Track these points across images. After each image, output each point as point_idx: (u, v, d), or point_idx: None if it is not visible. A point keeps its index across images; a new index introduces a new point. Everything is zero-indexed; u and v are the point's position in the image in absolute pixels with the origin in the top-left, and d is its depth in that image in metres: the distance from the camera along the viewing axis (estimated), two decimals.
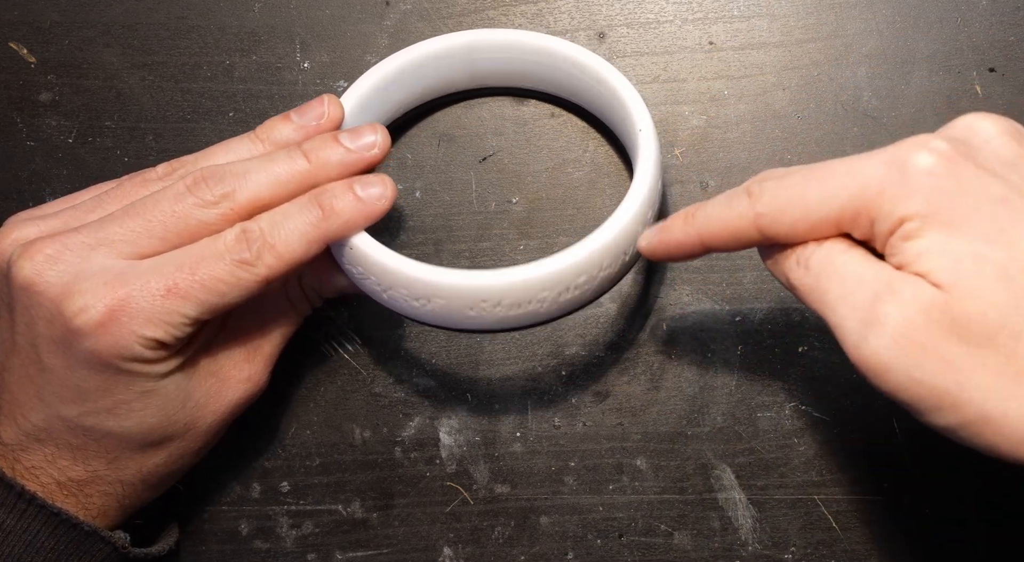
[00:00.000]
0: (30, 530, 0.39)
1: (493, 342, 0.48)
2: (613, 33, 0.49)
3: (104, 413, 0.40)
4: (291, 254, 0.40)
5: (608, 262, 0.41)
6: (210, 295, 0.39)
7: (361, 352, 0.49)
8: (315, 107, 0.44)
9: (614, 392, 0.48)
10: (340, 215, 0.41)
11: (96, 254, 0.39)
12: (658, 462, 0.48)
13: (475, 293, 0.40)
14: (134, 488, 0.42)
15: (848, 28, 0.49)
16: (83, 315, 0.38)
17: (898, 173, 0.34)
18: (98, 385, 0.39)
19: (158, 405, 0.40)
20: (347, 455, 0.48)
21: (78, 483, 0.41)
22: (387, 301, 0.42)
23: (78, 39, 0.50)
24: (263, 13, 0.50)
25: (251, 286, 0.40)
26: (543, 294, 0.40)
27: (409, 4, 0.50)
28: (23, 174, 0.50)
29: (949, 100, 0.48)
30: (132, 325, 0.38)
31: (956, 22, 0.48)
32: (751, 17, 0.49)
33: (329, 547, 0.48)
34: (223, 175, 0.41)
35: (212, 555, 0.48)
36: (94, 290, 0.38)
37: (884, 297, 0.34)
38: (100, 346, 0.38)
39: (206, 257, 0.39)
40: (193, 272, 0.39)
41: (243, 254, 0.39)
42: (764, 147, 0.48)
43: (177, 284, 0.39)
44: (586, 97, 0.47)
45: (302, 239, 0.40)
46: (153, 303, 0.38)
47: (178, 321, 0.39)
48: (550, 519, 0.48)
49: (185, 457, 0.43)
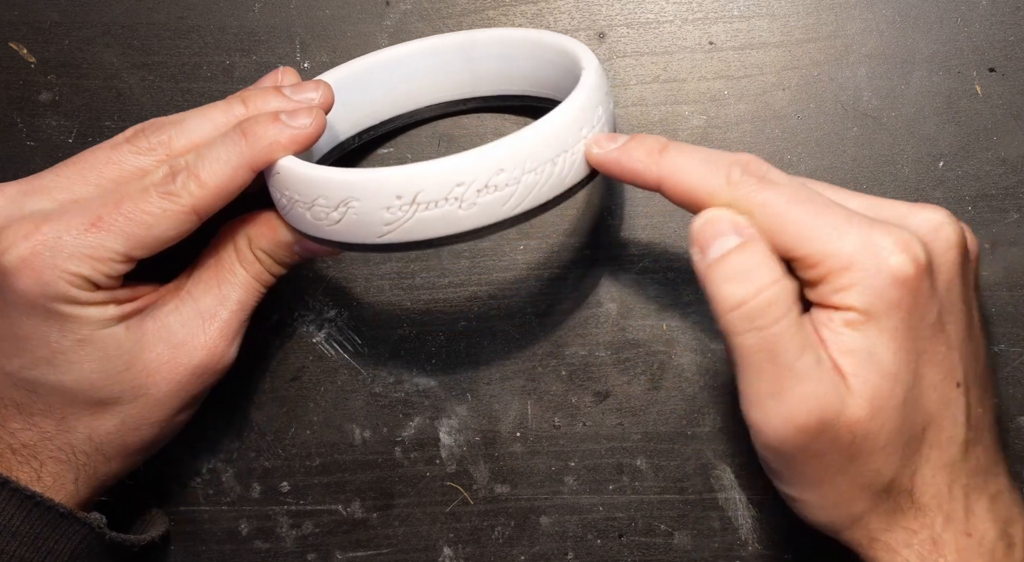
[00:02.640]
0: (4, 514, 0.39)
1: (493, 341, 0.48)
2: (613, 33, 0.49)
3: (43, 364, 0.39)
4: (216, 182, 0.40)
5: (532, 164, 0.39)
6: (136, 227, 0.39)
7: (361, 352, 0.49)
8: (270, 77, 0.45)
9: (614, 392, 0.48)
10: (262, 139, 0.40)
11: (29, 200, 0.40)
12: (658, 462, 0.48)
13: (389, 187, 0.38)
14: (88, 457, 0.41)
15: (848, 28, 0.49)
16: (6, 254, 0.38)
17: (872, 263, 0.35)
18: (32, 331, 0.39)
19: (97, 358, 0.40)
20: (347, 455, 0.48)
21: (31, 449, 0.40)
22: (312, 225, 0.41)
23: (78, 39, 0.50)
24: (263, 13, 0.50)
25: (179, 217, 0.40)
26: (459, 190, 0.39)
27: (409, 4, 0.50)
28: (23, 174, 0.49)
29: (949, 100, 0.48)
30: (56, 260, 0.38)
31: (956, 22, 0.48)
32: (751, 17, 0.49)
33: (329, 547, 0.48)
34: (161, 125, 0.41)
35: (212, 555, 0.48)
36: (18, 229, 0.38)
37: (796, 378, 0.35)
38: (26, 285, 0.38)
39: (132, 192, 0.39)
40: (117, 206, 0.39)
41: (168, 186, 0.39)
42: (764, 147, 0.48)
43: (101, 217, 0.39)
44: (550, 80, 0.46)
45: (227, 165, 0.40)
46: (77, 238, 0.38)
47: (105, 256, 0.39)
48: (550, 519, 0.48)
49: (143, 428, 0.42)
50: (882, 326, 0.35)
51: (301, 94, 0.42)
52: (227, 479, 0.48)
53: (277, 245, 0.43)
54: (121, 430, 0.41)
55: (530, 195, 0.40)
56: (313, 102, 0.42)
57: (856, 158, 0.48)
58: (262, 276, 0.44)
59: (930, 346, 0.36)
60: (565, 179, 0.40)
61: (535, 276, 0.48)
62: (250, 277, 0.43)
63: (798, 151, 0.48)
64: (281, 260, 0.44)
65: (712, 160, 0.38)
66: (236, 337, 0.43)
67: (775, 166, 0.38)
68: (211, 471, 0.48)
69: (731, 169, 0.37)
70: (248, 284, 0.43)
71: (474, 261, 0.48)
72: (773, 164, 0.38)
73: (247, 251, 0.43)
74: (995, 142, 0.48)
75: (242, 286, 0.43)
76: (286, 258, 0.44)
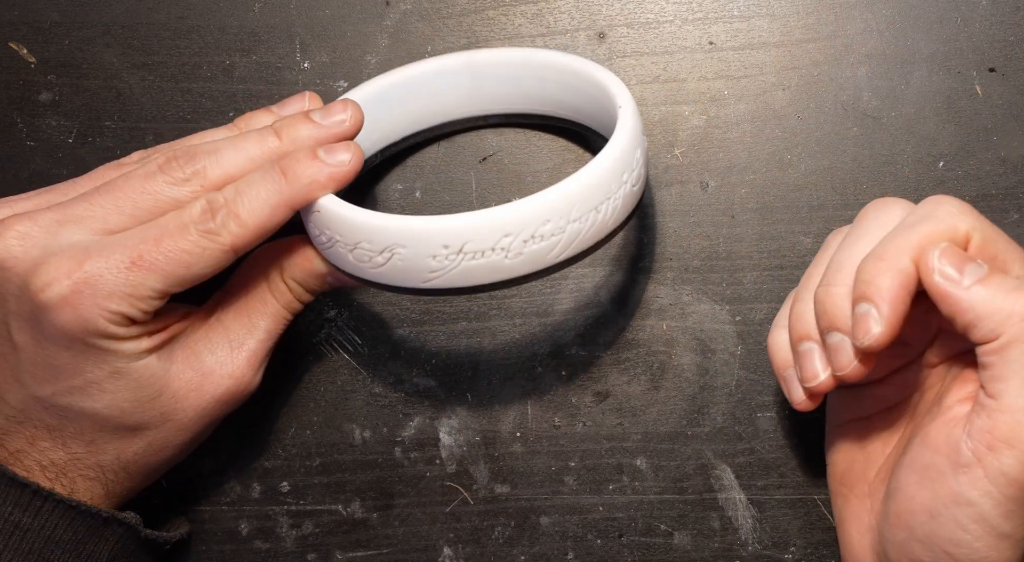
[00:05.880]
0: (48, 525, 0.40)
1: (493, 341, 0.48)
2: (613, 33, 0.49)
3: (77, 392, 0.40)
4: (256, 221, 0.40)
5: (577, 213, 0.40)
6: (176, 266, 0.39)
7: (361, 352, 0.49)
8: (295, 102, 0.44)
9: (614, 392, 0.48)
10: (302, 178, 0.40)
11: (65, 230, 0.39)
12: (658, 462, 0.48)
13: (436, 237, 0.39)
14: (116, 475, 0.42)
15: (848, 28, 0.49)
16: (48, 290, 0.38)
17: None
18: (68, 362, 0.39)
19: (130, 388, 0.40)
20: (347, 455, 0.48)
21: (60, 467, 0.41)
22: (354, 265, 0.41)
23: (78, 39, 0.50)
24: (263, 13, 0.50)
25: (217, 256, 0.40)
26: (506, 240, 0.39)
27: (409, 4, 0.50)
28: (23, 174, 0.50)
29: (949, 100, 0.48)
30: (97, 299, 0.38)
31: (956, 22, 0.48)
32: (751, 17, 0.49)
33: (329, 547, 0.48)
34: (195, 154, 0.41)
35: (212, 555, 0.48)
36: (59, 265, 0.38)
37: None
38: (66, 321, 0.38)
39: (171, 229, 0.39)
40: (158, 243, 0.39)
41: (208, 224, 0.39)
42: (764, 147, 0.48)
43: (142, 256, 0.39)
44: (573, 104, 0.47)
45: (266, 205, 0.40)
46: (118, 276, 0.38)
47: (144, 294, 0.39)
48: (550, 519, 0.48)
49: (167, 450, 0.42)
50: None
51: (331, 118, 0.42)
52: (227, 479, 0.48)
53: (310, 275, 0.43)
54: (147, 452, 0.42)
55: (574, 242, 0.40)
56: (344, 124, 0.42)
57: (856, 158, 0.48)
58: (292, 305, 0.44)
59: None
60: (607, 224, 0.41)
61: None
62: (280, 306, 0.44)
63: (798, 151, 0.48)
64: (312, 289, 0.44)
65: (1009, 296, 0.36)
66: (262, 365, 0.44)
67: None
68: (211, 471, 0.48)
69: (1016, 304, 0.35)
70: (277, 313, 0.44)
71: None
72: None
73: (278, 281, 0.43)
74: (995, 142, 0.48)
75: (271, 315, 0.43)
76: (317, 287, 0.44)
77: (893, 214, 0.39)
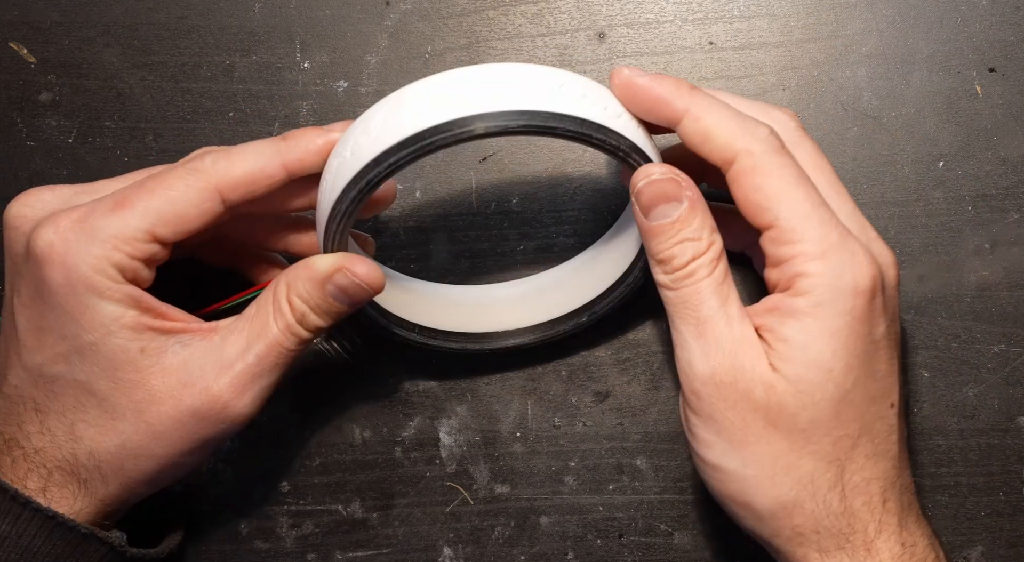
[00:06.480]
0: (26, 535, 0.39)
1: None
2: (613, 33, 0.49)
3: (62, 361, 0.40)
4: (244, 166, 0.40)
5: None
6: (158, 201, 0.39)
7: (361, 352, 0.49)
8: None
9: (614, 392, 0.48)
10: (300, 140, 0.41)
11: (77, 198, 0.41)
12: (658, 462, 0.48)
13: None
14: (88, 473, 0.41)
15: (848, 28, 0.49)
16: (39, 240, 0.39)
17: (840, 265, 0.38)
18: (54, 323, 0.39)
19: (109, 365, 0.40)
20: (347, 455, 0.48)
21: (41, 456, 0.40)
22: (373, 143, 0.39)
23: (78, 39, 0.50)
24: (263, 13, 0.50)
25: (202, 194, 0.40)
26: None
27: (409, 4, 0.50)
28: (23, 174, 0.50)
29: (949, 100, 0.48)
30: (81, 244, 0.39)
31: (956, 22, 0.48)
32: (751, 17, 0.49)
33: (329, 547, 0.48)
34: (212, 150, 0.42)
35: (212, 555, 0.48)
36: (56, 219, 0.39)
37: (715, 324, 0.39)
38: (53, 271, 0.39)
39: (159, 171, 0.40)
40: (143, 184, 0.40)
41: (194, 162, 0.40)
42: None
43: (127, 196, 0.39)
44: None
45: (260, 155, 0.40)
46: (102, 219, 0.39)
47: (128, 234, 0.39)
48: (550, 519, 0.48)
49: (141, 459, 0.41)
50: (824, 326, 0.38)
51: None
52: (227, 479, 0.48)
53: (312, 284, 0.41)
54: (121, 453, 0.41)
55: None
56: None
57: (856, 158, 0.48)
58: (293, 328, 0.41)
59: (871, 360, 0.38)
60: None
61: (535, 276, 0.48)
62: (278, 331, 0.41)
63: None
64: (315, 304, 0.41)
65: (741, 116, 0.39)
66: (248, 391, 0.41)
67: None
68: (211, 471, 0.48)
69: (757, 128, 0.39)
70: (275, 340, 0.41)
71: (474, 261, 0.48)
72: None
73: (283, 300, 0.42)
74: (995, 142, 0.48)
75: (268, 342, 0.41)
76: (320, 300, 0.41)
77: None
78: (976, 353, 0.47)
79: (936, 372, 0.47)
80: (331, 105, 0.49)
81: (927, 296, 0.48)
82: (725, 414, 0.38)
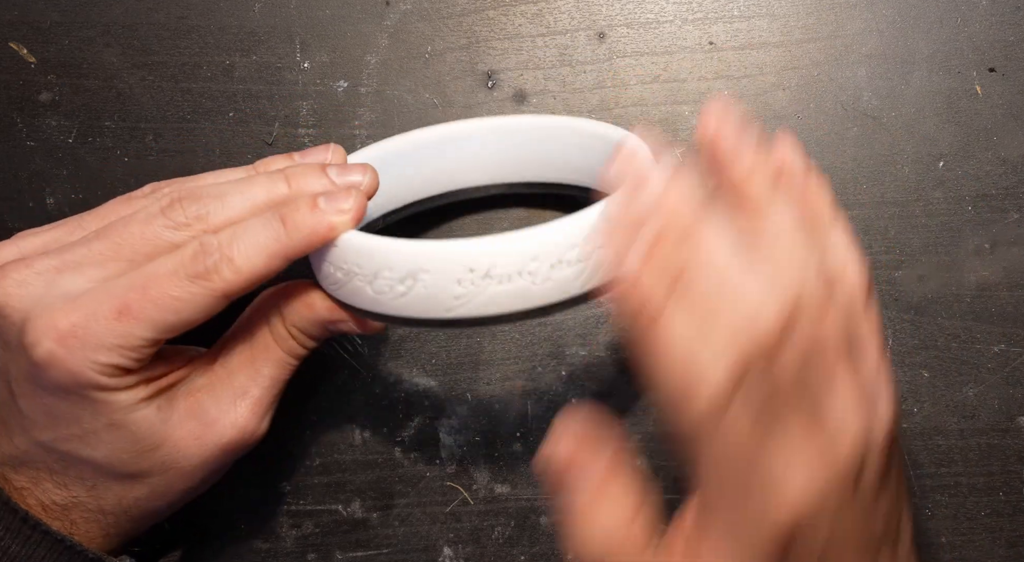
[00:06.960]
0: (34, 557, 0.39)
1: (493, 342, 0.48)
2: (613, 33, 0.49)
3: (76, 440, 0.39)
4: (250, 268, 0.39)
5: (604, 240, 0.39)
6: (165, 313, 0.38)
7: (361, 352, 0.49)
8: (319, 152, 0.43)
9: (614, 392, 0.48)
10: (302, 229, 0.39)
11: (62, 278, 0.38)
12: (658, 462, 0.48)
13: (461, 260, 0.37)
14: (116, 519, 0.41)
15: (848, 28, 0.49)
16: (37, 347, 0.37)
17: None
18: (65, 412, 0.38)
19: (128, 439, 0.39)
20: (347, 455, 0.48)
21: (62, 507, 0.40)
22: (373, 299, 0.40)
23: (78, 39, 0.50)
24: (263, 13, 0.50)
25: (208, 302, 0.38)
26: (533, 265, 0.38)
27: (409, 4, 0.50)
28: (23, 174, 0.50)
29: (949, 100, 0.48)
30: (85, 352, 0.37)
31: (956, 22, 0.48)
32: (751, 17, 0.49)
33: (329, 547, 0.48)
34: (199, 197, 0.40)
35: (212, 555, 0.48)
36: (48, 319, 0.37)
37: None
38: (58, 376, 0.37)
39: (160, 274, 0.38)
40: (145, 291, 0.38)
41: (198, 268, 0.38)
42: None
43: (129, 305, 0.37)
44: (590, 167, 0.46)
45: (262, 253, 0.39)
46: (105, 327, 0.37)
47: (133, 344, 0.38)
48: (550, 519, 0.48)
49: (169, 496, 0.41)
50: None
51: (345, 177, 0.41)
52: (227, 479, 0.48)
53: (311, 323, 0.42)
54: (149, 497, 0.41)
55: (600, 271, 0.39)
56: (359, 186, 0.41)
57: (856, 158, 0.48)
58: (295, 350, 0.43)
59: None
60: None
61: None
62: (283, 352, 0.42)
63: None
64: (313, 336, 0.43)
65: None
66: (267, 412, 0.42)
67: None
68: None
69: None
70: (281, 360, 0.42)
71: None
72: None
73: (280, 327, 0.42)
74: (995, 142, 0.48)
75: (275, 362, 0.42)
76: (318, 335, 0.43)
77: None
78: (976, 353, 0.47)
79: (936, 372, 0.47)
80: (331, 105, 0.49)
81: (927, 296, 0.48)
82: None
